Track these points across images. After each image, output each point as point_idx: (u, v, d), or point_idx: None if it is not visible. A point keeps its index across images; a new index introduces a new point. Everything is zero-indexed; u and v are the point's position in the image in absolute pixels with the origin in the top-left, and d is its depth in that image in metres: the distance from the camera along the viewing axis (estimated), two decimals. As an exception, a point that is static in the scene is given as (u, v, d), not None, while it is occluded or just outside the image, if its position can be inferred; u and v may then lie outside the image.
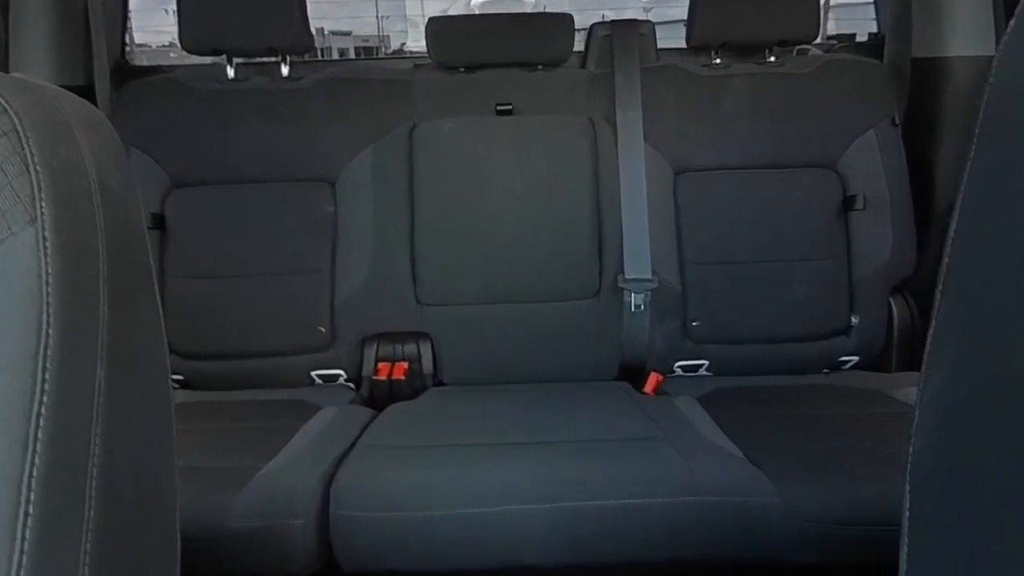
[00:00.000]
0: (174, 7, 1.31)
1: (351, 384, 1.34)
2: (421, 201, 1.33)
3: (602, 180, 1.33)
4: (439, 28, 1.40)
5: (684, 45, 1.39)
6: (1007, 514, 0.33)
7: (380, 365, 1.31)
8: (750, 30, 1.34)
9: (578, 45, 1.45)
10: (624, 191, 1.31)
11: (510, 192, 1.33)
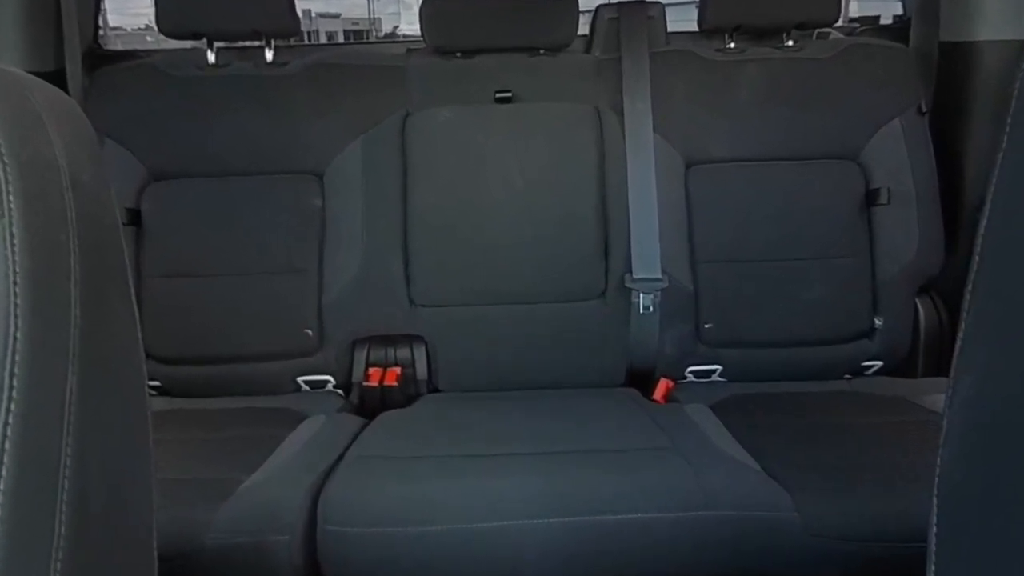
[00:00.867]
0: (151, -12, 1.30)
1: (340, 391, 1.34)
2: (415, 195, 1.33)
3: (608, 173, 1.34)
4: (435, 10, 1.39)
5: (696, 28, 1.39)
6: None
7: (371, 370, 1.30)
8: (767, 12, 1.34)
9: (583, 28, 1.44)
10: (632, 184, 1.31)
11: (510, 185, 1.33)
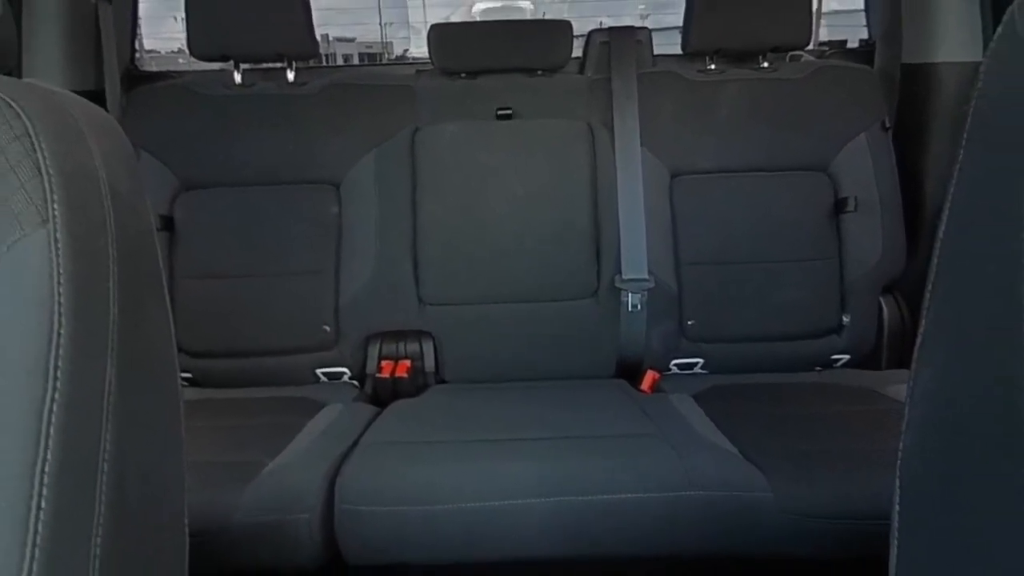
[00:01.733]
0: (183, 14, 1.30)
1: (355, 382, 1.33)
2: (423, 204, 1.33)
3: (600, 183, 1.33)
4: (441, 35, 1.40)
5: (680, 51, 1.39)
6: (995, 513, 0.33)
7: (383, 363, 1.30)
8: (744, 37, 1.34)
9: (576, 51, 1.45)
10: (621, 194, 1.30)
11: (510, 195, 1.33)
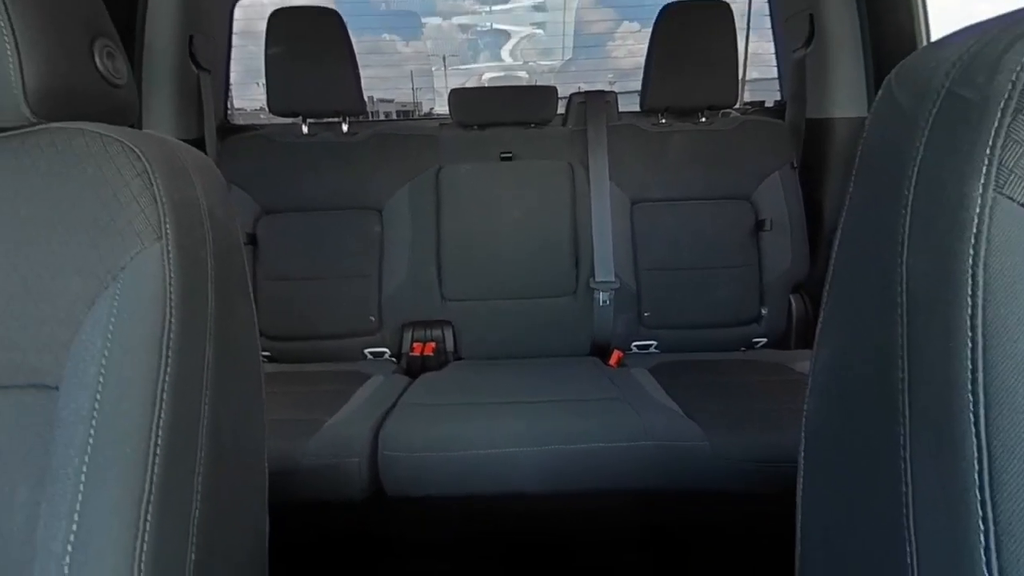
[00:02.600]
0: (263, 82, 1.31)
1: (393, 359, 1.34)
2: (445, 224, 1.33)
3: (578, 209, 1.33)
4: (459, 97, 1.40)
5: (639, 109, 1.39)
6: (874, 454, 0.34)
7: (415, 345, 1.31)
8: (687, 98, 1.33)
9: (560, 109, 1.45)
10: (594, 217, 1.30)
11: (509, 217, 1.33)
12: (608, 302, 1.29)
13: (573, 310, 1.32)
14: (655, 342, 1.33)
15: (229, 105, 1.55)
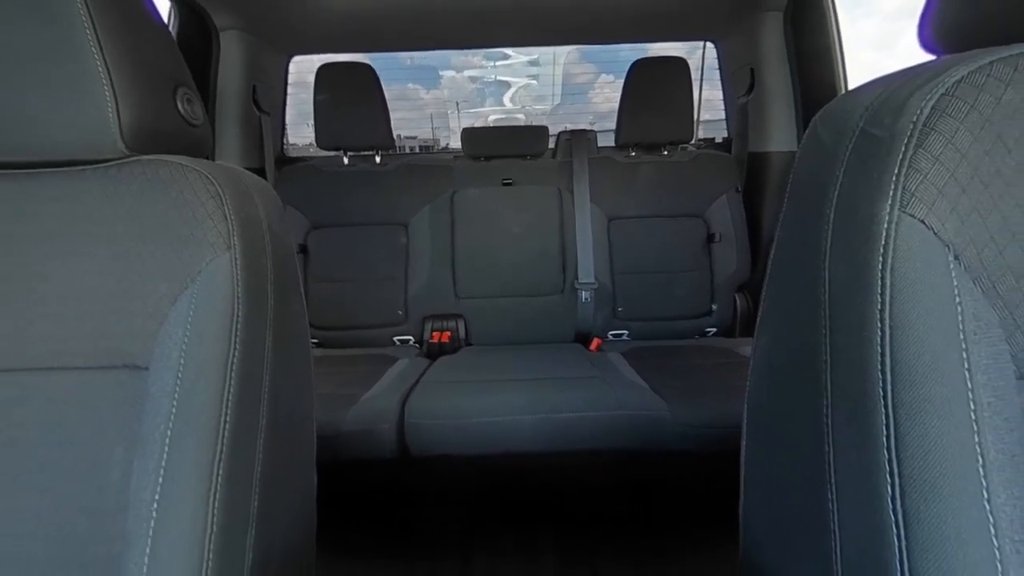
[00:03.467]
0: (311, 122, 1.31)
1: (417, 345, 1.33)
2: (458, 237, 1.33)
3: (565, 225, 1.33)
4: (469, 134, 1.40)
5: (614, 144, 1.39)
6: (802, 422, 0.34)
7: (434, 334, 1.30)
8: (652, 135, 1.33)
9: (551, 144, 1.44)
10: (578, 231, 1.30)
11: (509, 232, 1.33)
12: (589, 299, 1.29)
13: (561, 305, 1.32)
14: (627, 331, 1.33)
15: (285, 141, 1.55)
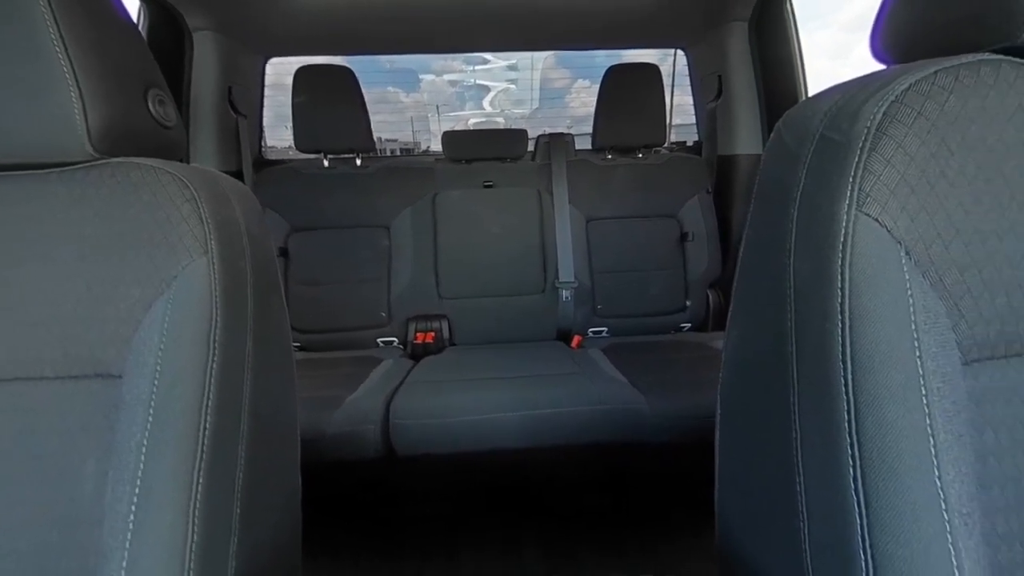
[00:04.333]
0: (290, 124, 1.27)
1: (401, 346, 1.31)
2: (440, 238, 1.32)
3: (545, 226, 1.33)
4: (450, 138, 1.39)
5: (591, 147, 1.40)
6: (771, 410, 0.34)
7: (418, 334, 1.28)
8: (627, 139, 1.35)
9: (530, 147, 1.44)
10: (558, 232, 1.31)
11: (490, 233, 1.32)
12: (569, 298, 1.29)
13: (542, 304, 1.32)
14: (606, 328, 1.34)
15: (263, 144, 1.50)
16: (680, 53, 1.54)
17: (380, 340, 1.30)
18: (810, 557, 0.31)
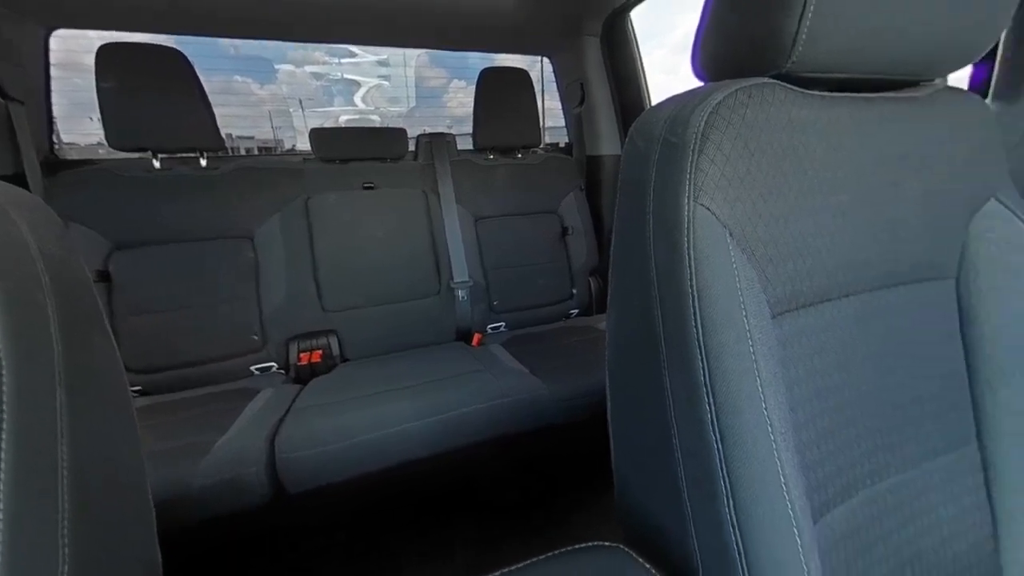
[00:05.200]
0: (98, 116, 1.00)
1: (282, 371, 1.15)
2: (318, 245, 1.20)
3: (434, 226, 1.31)
4: (320, 135, 1.26)
5: (472, 148, 1.41)
6: (647, 382, 0.39)
7: (302, 355, 1.14)
8: (506, 140, 1.39)
9: (411, 147, 1.39)
10: (447, 231, 1.30)
11: (373, 236, 1.25)
12: (466, 297, 1.29)
13: (439, 306, 1.30)
14: (504, 323, 1.37)
15: (56, 139, 1.16)
16: (547, 60, 1.65)
17: (254, 368, 1.13)
18: (687, 490, 0.37)
